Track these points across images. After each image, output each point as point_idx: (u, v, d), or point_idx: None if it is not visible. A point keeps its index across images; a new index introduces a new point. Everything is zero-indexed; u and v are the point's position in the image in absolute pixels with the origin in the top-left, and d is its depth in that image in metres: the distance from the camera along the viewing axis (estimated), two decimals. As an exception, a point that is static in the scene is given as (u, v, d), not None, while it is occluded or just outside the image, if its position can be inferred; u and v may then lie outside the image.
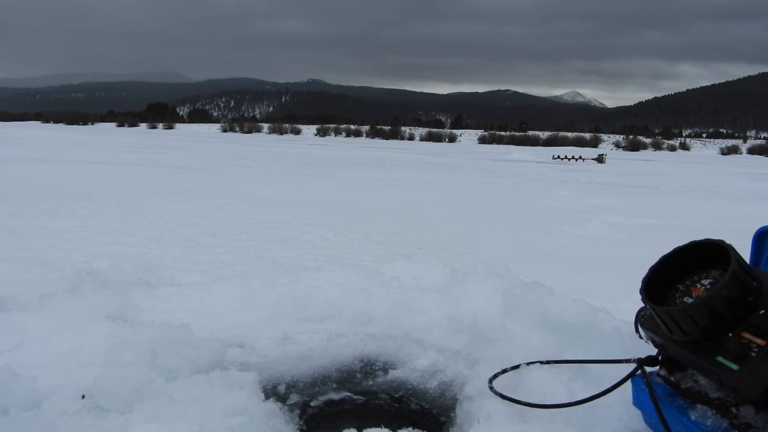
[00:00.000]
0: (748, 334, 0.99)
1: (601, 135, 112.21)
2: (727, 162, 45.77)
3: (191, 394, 1.34)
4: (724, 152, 74.09)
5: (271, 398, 1.46)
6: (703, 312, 1.02)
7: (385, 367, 1.68)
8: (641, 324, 1.24)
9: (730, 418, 1.04)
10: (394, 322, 1.81)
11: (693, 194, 15.76)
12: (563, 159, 41.43)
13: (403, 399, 1.61)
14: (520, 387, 1.39)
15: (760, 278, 1.07)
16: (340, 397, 1.60)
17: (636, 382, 1.21)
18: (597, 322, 1.66)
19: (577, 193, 13.67)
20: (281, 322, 1.81)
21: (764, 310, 1.01)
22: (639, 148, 77.26)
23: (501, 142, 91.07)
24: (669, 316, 1.06)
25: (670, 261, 1.16)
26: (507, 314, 1.73)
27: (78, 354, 1.54)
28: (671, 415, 1.10)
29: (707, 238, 1.13)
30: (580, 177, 21.69)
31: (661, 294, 1.14)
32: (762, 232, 1.36)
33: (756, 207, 12.19)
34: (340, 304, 1.87)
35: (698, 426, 1.06)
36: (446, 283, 1.97)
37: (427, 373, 1.64)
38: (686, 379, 1.15)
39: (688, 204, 12.66)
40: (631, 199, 13.43)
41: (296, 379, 1.62)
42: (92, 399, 1.33)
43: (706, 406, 1.09)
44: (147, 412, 1.28)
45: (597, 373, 1.40)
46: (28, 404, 1.31)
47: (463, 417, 1.43)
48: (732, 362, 0.97)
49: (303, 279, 1.96)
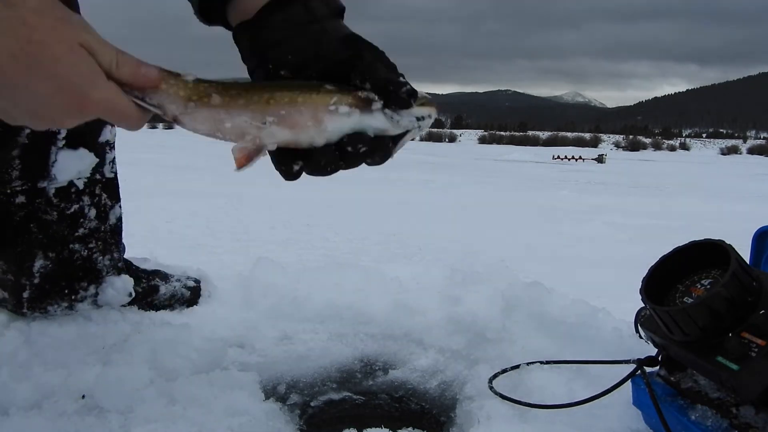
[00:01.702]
0: (748, 334, 1.00)
1: (601, 135, 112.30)
2: (727, 162, 45.81)
3: (191, 394, 1.34)
4: (724, 152, 74.20)
5: (271, 398, 1.46)
6: (703, 312, 1.02)
7: (385, 367, 1.68)
8: (641, 324, 1.25)
9: (730, 418, 1.04)
10: (394, 322, 1.81)
11: (693, 194, 15.78)
12: (563, 159, 41.47)
13: (403, 399, 1.61)
14: (520, 387, 1.39)
15: (760, 278, 1.07)
16: (340, 397, 1.60)
17: (636, 382, 1.21)
18: (597, 322, 1.66)
19: (577, 193, 13.68)
20: (281, 322, 1.81)
21: (764, 310, 1.01)
22: (639, 148, 77.36)
23: (501, 142, 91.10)
24: (669, 316, 1.07)
25: (670, 261, 1.16)
26: (507, 314, 1.73)
27: (78, 353, 1.54)
28: (671, 415, 1.10)
29: (707, 238, 1.13)
30: (580, 177, 21.71)
31: (661, 294, 1.14)
32: (762, 232, 1.37)
33: (756, 207, 12.21)
34: (340, 304, 1.86)
35: (698, 426, 1.06)
36: (446, 283, 1.97)
37: (427, 373, 1.64)
38: (686, 379, 1.15)
39: (688, 204, 12.68)
40: (631, 199, 13.45)
41: (296, 379, 1.62)
42: (92, 399, 1.33)
43: (706, 406, 1.09)
44: (147, 412, 1.28)
45: (597, 374, 1.40)
46: (28, 404, 1.31)
47: (463, 417, 1.43)
48: (732, 362, 0.98)
49: (303, 279, 1.96)
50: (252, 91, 0.89)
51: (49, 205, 1.49)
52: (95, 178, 1.56)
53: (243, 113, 0.87)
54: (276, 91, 0.89)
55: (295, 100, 0.88)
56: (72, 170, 1.50)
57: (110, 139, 1.60)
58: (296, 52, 0.94)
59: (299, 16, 0.95)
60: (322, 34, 0.94)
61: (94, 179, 1.56)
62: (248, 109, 0.87)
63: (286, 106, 0.88)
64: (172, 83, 0.86)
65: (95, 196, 1.58)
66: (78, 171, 1.51)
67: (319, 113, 0.88)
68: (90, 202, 1.57)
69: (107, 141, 1.58)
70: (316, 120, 0.88)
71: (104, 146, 1.58)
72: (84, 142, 1.51)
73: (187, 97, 0.86)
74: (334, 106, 0.88)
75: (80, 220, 1.55)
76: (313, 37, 0.94)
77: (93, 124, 1.46)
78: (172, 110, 0.86)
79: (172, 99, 0.86)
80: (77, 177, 1.52)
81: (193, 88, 0.86)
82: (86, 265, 1.59)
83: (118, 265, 1.68)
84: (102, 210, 1.61)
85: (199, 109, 0.87)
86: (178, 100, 0.86)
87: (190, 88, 0.86)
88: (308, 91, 0.89)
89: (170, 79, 0.86)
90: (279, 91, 0.89)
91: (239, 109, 0.87)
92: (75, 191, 1.53)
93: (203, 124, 0.88)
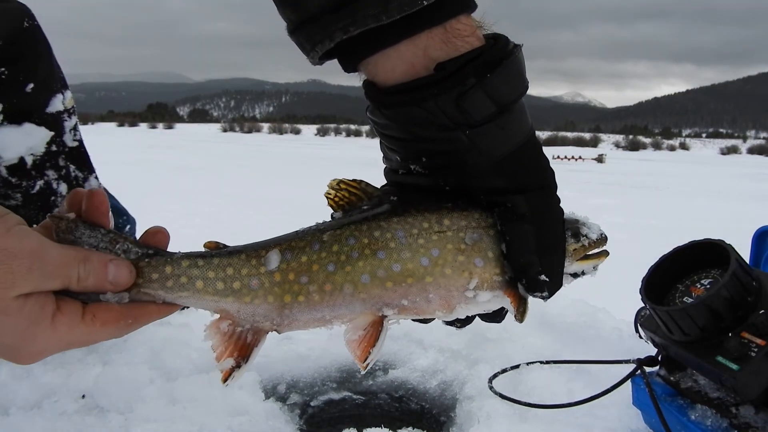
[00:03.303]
0: (748, 334, 1.00)
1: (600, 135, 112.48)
2: (727, 162, 45.81)
3: (191, 394, 1.34)
4: (723, 152, 74.19)
5: (271, 398, 1.46)
6: (702, 312, 1.02)
7: (385, 366, 1.68)
8: (641, 324, 1.25)
9: (730, 418, 1.04)
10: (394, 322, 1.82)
11: (693, 194, 15.76)
12: (563, 159, 41.51)
13: (403, 399, 1.61)
14: (520, 387, 1.39)
15: (760, 278, 1.07)
16: (340, 397, 1.60)
17: (636, 382, 1.21)
18: (597, 322, 1.66)
19: (576, 193, 13.67)
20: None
21: (764, 310, 1.01)
22: (639, 148, 77.40)
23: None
24: (669, 316, 1.07)
25: (670, 261, 1.16)
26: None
27: (78, 353, 1.54)
28: (671, 415, 1.10)
29: (707, 238, 1.13)
30: (580, 177, 21.69)
31: (661, 294, 1.14)
32: (762, 232, 1.37)
33: (756, 207, 12.20)
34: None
35: (698, 426, 1.06)
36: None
37: (427, 372, 1.64)
38: (686, 379, 1.15)
39: (688, 204, 12.66)
40: (631, 199, 13.43)
41: (296, 378, 1.62)
42: (92, 399, 1.33)
43: (706, 406, 1.09)
44: (147, 412, 1.28)
45: (597, 373, 1.40)
46: (28, 404, 1.31)
47: (463, 417, 1.43)
48: (732, 362, 0.98)
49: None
50: (357, 264, 0.66)
51: (7, 187, 1.36)
52: (52, 150, 1.42)
53: (353, 306, 0.66)
54: (391, 264, 0.65)
55: (422, 280, 0.65)
56: (20, 146, 1.36)
57: (65, 107, 1.44)
58: (431, 157, 0.71)
59: (445, 115, 0.68)
60: (469, 150, 0.69)
61: (52, 151, 1.41)
62: (357, 301, 0.65)
63: (410, 290, 0.65)
64: (161, 271, 0.65)
65: (60, 168, 1.43)
66: (27, 147, 1.37)
67: (453, 300, 0.68)
68: (56, 175, 1.42)
69: (61, 110, 1.43)
70: (447, 308, 0.68)
71: (57, 116, 1.43)
72: (28, 116, 1.36)
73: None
74: (473, 292, 0.68)
75: (51, 198, 1.42)
76: (457, 148, 0.69)
77: (36, 94, 1.34)
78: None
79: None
80: (28, 153, 1.37)
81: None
82: None
83: None
84: (74, 183, 1.47)
85: (299, 314, 0.66)
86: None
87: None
88: (438, 258, 0.66)
89: (153, 272, 0.65)
90: (396, 262, 0.65)
91: (348, 304, 0.66)
92: (32, 166, 1.38)
93: (305, 327, 0.68)
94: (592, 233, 0.74)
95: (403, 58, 0.70)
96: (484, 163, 0.69)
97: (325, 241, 0.66)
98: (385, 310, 0.66)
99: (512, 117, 0.69)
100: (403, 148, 0.73)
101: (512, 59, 0.69)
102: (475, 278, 0.66)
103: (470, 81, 0.67)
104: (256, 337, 0.66)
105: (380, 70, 0.72)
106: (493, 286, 0.68)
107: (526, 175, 0.70)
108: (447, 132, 0.68)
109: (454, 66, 0.68)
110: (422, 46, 0.69)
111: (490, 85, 0.67)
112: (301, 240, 0.67)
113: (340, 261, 0.65)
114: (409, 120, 0.69)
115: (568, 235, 0.73)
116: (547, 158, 0.73)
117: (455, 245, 0.66)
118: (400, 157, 0.74)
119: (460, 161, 0.69)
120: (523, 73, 0.72)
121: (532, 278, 0.69)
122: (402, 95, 0.70)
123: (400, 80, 0.71)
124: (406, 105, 0.69)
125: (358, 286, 0.64)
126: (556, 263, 0.70)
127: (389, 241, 0.66)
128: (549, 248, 0.69)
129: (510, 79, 0.69)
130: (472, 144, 0.68)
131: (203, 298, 0.65)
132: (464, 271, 0.66)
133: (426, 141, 0.70)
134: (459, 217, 0.68)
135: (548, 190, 0.71)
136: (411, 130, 0.70)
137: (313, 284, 0.64)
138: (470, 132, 0.68)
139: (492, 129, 0.68)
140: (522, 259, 0.68)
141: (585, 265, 0.74)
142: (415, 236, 0.66)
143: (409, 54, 0.69)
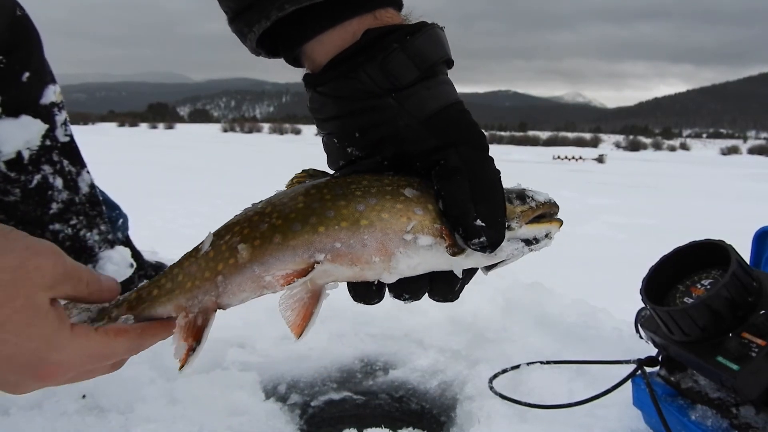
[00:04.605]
0: (748, 334, 1.00)
1: (601, 135, 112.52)
2: (727, 162, 45.80)
3: (191, 394, 1.34)
4: (724, 152, 74.19)
5: (271, 398, 1.47)
6: (703, 312, 1.02)
7: (385, 367, 1.68)
8: (641, 324, 1.25)
9: (730, 418, 1.04)
10: (394, 322, 1.82)
11: (693, 194, 15.76)
12: (564, 159, 41.48)
13: (403, 399, 1.61)
14: (520, 387, 1.39)
15: (760, 278, 1.07)
16: (341, 397, 1.60)
17: (636, 382, 1.21)
18: (597, 322, 1.66)
19: (576, 193, 13.67)
20: (281, 322, 1.81)
21: (764, 310, 1.01)
22: (639, 149, 77.38)
23: (501, 143, 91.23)
24: (669, 316, 1.07)
25: (670, 261, 1.16)
26: (507, 314, 1.73)
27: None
28: (671, 415, 1.10)
29: (707, 238, 1.13)
30: (580, 177, 21.70)
31: (661, 294, 1.14)
32: (762, 232, 1.37)
33: (756, 207, 12.19)
34: (341, 304, 1.86)
35: (698, 426, 1.06)
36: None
37: (427, 373, 1.64)
38: (686, 379, 1.15)
39: (689, 204, 12.66)
40: (631, 199, 13.43)
41: (297, 378, 1.62)
42: (92, 399, 1.33)
43: (706, 406, 1.09)
44: (147, 412, 1.28)
45: (597, 374, 1.40)
46: (28, 404, 1.31)
47: (463, 417, 1.43)
48: (732, 362, 0.98)
49: (303, 279, 1.96)
50: (289, 216, 0.65)
51: (6, 182, 1.34)
52: (47, 144, 1.40)
53: (283, 256, 0.64)
54: (324, 211, 0.65)
55: (357, 223, 0.64)
56: (18, 139, 1.34)
57: (55, 100, 1.41)
58: (364, 131, 0.74)
59: (373, 81, 0.73)
60: (399, 113, 0.72)
61: (46, 146, 1.40)
62: (287, 249, 0.64)
63: (344, 233, 0.64)
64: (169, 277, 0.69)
65: (55, 163, 1.41)
66: (25, 140, 1.35)
67: (390, 244, 0.65)
68: (52, 170, 1.41)
69: (52, 102, 1.41)
70: (385, 254, 0.65)
71: (50, 109, 1.40)
72: (24, 108, 1.34)
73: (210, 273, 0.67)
74: (411, 235, 0.66)
75: (48, 192, 1.40)
76: (388, 115, 0.72)
77: (31, 84, 1.32)
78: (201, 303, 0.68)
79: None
80: (25, 147, 1.36)
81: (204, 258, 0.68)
82: (75, 245, 1.46)
83: (108, 238, 1.56)
84: (68, 178, 1.45)
85: (232, 277, 0.66)
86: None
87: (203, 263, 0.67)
88: (375, 204, 0.65)
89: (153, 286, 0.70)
90: (330, 209, 0.65)
91: (278, 253, 0.64)
92: (29, 161, 1.37)
93: (242, 293, 0.68)
94: (538, 196, 0.73)
95: (334, 43, 0.76)
96: (414, 123, 0.72)
97: (260, 208, 0.68)
98: (317, 255, 0.64)
99: (437, 81, 0.74)
100: (340, 128, 0.76)
101: (432, 29, 0.75)
102: (414, 221, 0.65)
103: (393, 46, 0.72)
104: (205, 318, 0.67)
105: (316, 55, 0.78)
106: (434, 233, 0.66)
107: (457, 130, 0.72)
108: (377, 99, 0.73)
109: (378, 32, 0.74)
110: (352, 31, 0.75)
111: (411, 48, 0.72)
112: (237, 216, 0.70)
113: (272, 219, 0.65)
114: (343, 94, 0.74)
115: (513, 197, 0.73)
116: (478, 124, 0.75)
117: (394, 196, 0.66)
118: (337, 140, 0.77)
119: (392, 129, 0.72)
120: (445, 43, 0.76)
121: (469, 225, 0.67)
122: (333, 70, 0.75)
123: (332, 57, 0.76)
124: (338, 78, 0.74)
125: (288, 234, 0.64)
126: (492, 208, 0.69)
127: (325, 194, 0.67)
128: (484, 196, 0.69)
129: (430, 44, 0.74)
130: (401, 106, 0.72)
131: (162, 303, 0.69)
132: (402, 216, 0.65)
133: (359, 113, 0.74)
134: (399, 179, 0.70)
135: (480, 147, 0.73)
136: (345, 106, 0.74)
137: (244, 243, 0.65)
138: (397, 95, 0.72)
139: (418, 89, 0.72)
140: (456, 210, 0.68)
141: (536, 230, 0.71)
142: (353, 190, 0.67)
143: (340, 39, 0.75)
